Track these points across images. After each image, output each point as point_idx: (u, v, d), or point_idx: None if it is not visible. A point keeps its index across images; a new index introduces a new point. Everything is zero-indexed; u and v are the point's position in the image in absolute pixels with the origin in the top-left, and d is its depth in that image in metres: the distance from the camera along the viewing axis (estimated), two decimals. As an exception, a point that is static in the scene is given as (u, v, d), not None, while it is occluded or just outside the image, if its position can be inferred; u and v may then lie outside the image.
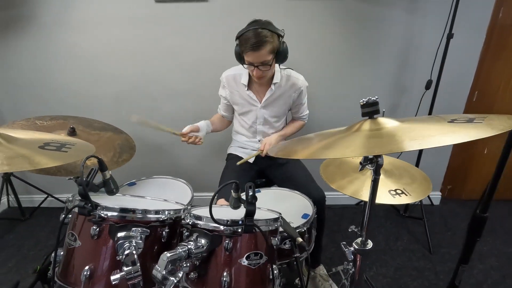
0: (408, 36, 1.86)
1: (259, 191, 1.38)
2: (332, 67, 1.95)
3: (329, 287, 1.49)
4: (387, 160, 1.12)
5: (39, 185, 2.24)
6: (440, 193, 2.38)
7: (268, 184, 1.68)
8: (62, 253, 0.77)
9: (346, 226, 2.10)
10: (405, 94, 2.00)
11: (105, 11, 1.82)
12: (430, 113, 1.87)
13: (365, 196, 1.06)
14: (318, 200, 1.32)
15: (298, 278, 0.94)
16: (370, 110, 0.65)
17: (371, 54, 1.91)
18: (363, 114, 0.65)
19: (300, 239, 0.86)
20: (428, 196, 2.32)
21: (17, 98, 2.05)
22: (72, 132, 1.27)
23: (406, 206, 2.24)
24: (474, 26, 1.79)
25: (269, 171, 1.61)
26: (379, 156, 0.63)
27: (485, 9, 1.79)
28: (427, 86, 1.83)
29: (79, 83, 1.99)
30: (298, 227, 1.06)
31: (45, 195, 2.28)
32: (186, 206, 0.89)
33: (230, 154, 1.70)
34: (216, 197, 0.70)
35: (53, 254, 0.76)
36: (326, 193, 1.39)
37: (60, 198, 2.31)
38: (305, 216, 1.15)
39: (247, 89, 1.50)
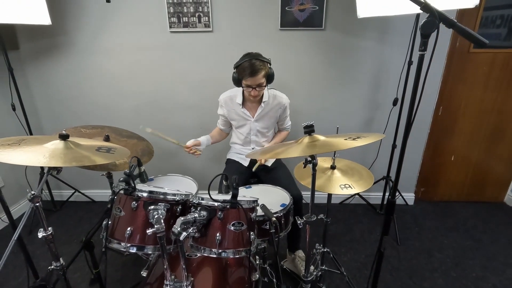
0: (378, 62, 2.22)
1: (251, 187, 1.74)
2: (315, 87, 2.31)
3: (307, 267, 1.83)
4: (344, 163, 1.48)
5: (68, 182, 2.64)
6: (414, 195, 2.71)
7: (258, 183, 2.04)
8: (109, 222, 1.14)
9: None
10: (377, 110, 2.35)
11: (128, 39, 2.22)
12: (397, 125, 2.22)
13: (322, 189, 1.42)
14: (295, 196, 1.66)
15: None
16: (309, 130, 1.02)
17: (348, 76, 2.27)
18: (305, 132, 1.03)
19: (274, 219, 1.22)
20: (403, 197, 2.65)
21: (56, 111, 2.45)
22: (107, 139, 1.65)
23: (381, 205, 2.58)
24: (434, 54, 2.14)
25: (260, 173, 1.97)
26: (314, 158, 1.00)
27: (443, 40, 2.14)
28: (394, 103, 2.18)
29: (106, 98, 2.39)
30: (276, 212, 1.41)
31: (73, 190, 2.67)
32: (193, 194, 1.25)
33: (228, 159, 2.07)
34: (213, 189, 1.06)
35: (103, 222, 1.13)
36: (303, 192, 1.75)
37: (85, 194, 2.71)
38: (283, 205, 1.50)
39: (242, 107, 1.87)
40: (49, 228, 1.19)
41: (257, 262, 1.41)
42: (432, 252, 2.10)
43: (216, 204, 1.06)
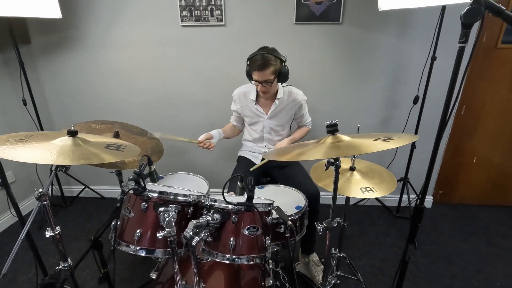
0: (397, 57, 2.11)
1: (263, 187, 1.68)
2: (330, 83, 2.22)
3: (320, 271, 1.76)
4: (363, 164, 1.40)
5: (78, 178, 2.63)
6: (432, 197, 2.59)
7: (272, 182, 1.97)
8: (118, 222, 1.09)
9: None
10: (396, 108, 2.25)
11: (139, 33, 2.17)
12: (418, 124, 2.11)
13: (342, 191, 1.34)
14: (312, 194, 1.59)
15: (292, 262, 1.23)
16: (332, 129, 0.94)
17: (365, 72, 2.17)
18: (328, 132, 0.95)
19: (290, 223, 1.15)
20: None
21: (65, 105, 2.44)
22: (117, 135, 1.61)
23: (398, 207, 2.48)
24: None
25: (273, 171, 1.90)
26: (337, 159, 0.92)
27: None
28: (415, 101, 2.08)
29: (116, 93, 2.36)
30: (291, 215, 1.34)
31: (83, 186, 2.66)
32: (204, 194, 1.19)
33: (240, 157, 2.01)
34: (227, 189, 1.00)
35: (112, 223, 1.09)
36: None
37: (95, 190, 2.69)
38: (298, 207, 1.43)
39: (255, 104, 1.80)
40: (57, 228, 1.15)
41: (270, 266, 1.35)
42: (452, 258, 2.00)
43: (230, 207, 0.99)
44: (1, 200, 2.28)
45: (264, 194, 1.56)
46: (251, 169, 1.74)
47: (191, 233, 0.90)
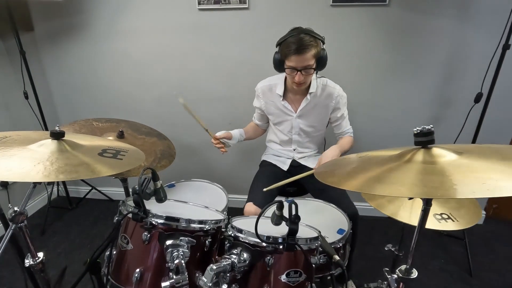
0: (456, 46, 1.75)
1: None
2: (371, 77, 1.89)
3: (360, 302, 1.46)
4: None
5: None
6: (485, 212, 2.23)
7: (299, 192, 1.68)
8: (114, 252, 0.84)
9: (377, 239, 2.04)
10: (448, 108, 1.89)
11: (151, 19, 1.92)
12: (478, 129, 1.76)
13: (405, 218, 1.03)
14: (350, 215, 1.30)
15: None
16: (425, 140, 0.62)
17: (414, 64, 1.83)
18: (416, 143, 0.63)
19: (337, 257, 0.86)
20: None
21: (71, 99, 2.23)
22: (121, 136, 1.36)
23: (445, 223, 2.12)
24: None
25: (303, 180, 1.60)
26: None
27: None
28: (477, 99, 1.71)
29: (126, 87, 2.13)
30: (333, 243, 1.05)
31: (90, 187, 2.46)
32: (226, 216, 0.92)
33: (264, 161, 1.72)
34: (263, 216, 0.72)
35: (106, 253, 0.83)
36: (355, 203, 1.37)
37: (102, 191, 2.49)
38: (340, 231, 1.14)
39: (282, 99, 1.51)
40: (39, 254, 0.91)
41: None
42: (518, 290, 1.65)
43: (264, 244, 0.71)
44: None
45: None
46: (264, 189, 1.40)
47: (210, 284, 0.63)
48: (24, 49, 1.92)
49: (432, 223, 0.89)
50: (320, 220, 1.21)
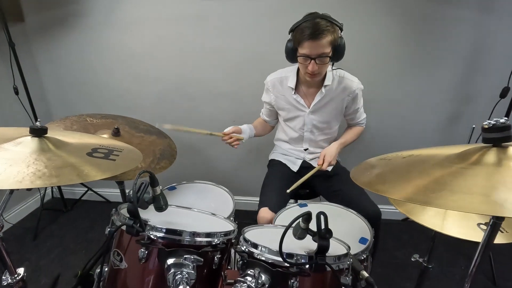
0: (480, 37, 1.63)
1: (306, 205, 1.26)
2: (388, 69, 1.77)
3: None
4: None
5: (80, 179, 2.30)
6: (503, 215, 2.10)
7: (311, 195, 1.56)
8: (106, 269, 0.71)
9: (392, 245, 1.91)
10: (470, 103, 1.77)
11: (151, 9, 1.80)
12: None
13: (437, 226, 0.91)
14: (372, 217, 1.17)
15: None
16: (499, 136, 0.48)
17: (431, 55, 1.71)
18: (486, 140, 0.50)
19: (365, 274, 0.73)
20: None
21: (65, 95, 2.10)
22: (116, 133, 1.23)
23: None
24: None
25: (314, 182, 1.48)
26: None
27: None
28: (503, 94, 1.59)
29: (123, 82, 2.01)
30: (356, 254, 0.93)
31: (86, 189, 2.34)
32: (236, 225, 0.79)
33: (272, 160, 1.60)
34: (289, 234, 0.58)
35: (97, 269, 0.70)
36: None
37: (99, 192, 2.36)
38: (362, 240, 1.01)
39: (294, 93, 1.38)
40: (19, 271, 0.78)
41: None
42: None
43: (286, 264, 0.58)
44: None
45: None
46: (288, 191, 1.29)
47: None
48: (13, 41, 1.79)
49: (479, 236, 0.76)
50: (339, 228, 1.07)
